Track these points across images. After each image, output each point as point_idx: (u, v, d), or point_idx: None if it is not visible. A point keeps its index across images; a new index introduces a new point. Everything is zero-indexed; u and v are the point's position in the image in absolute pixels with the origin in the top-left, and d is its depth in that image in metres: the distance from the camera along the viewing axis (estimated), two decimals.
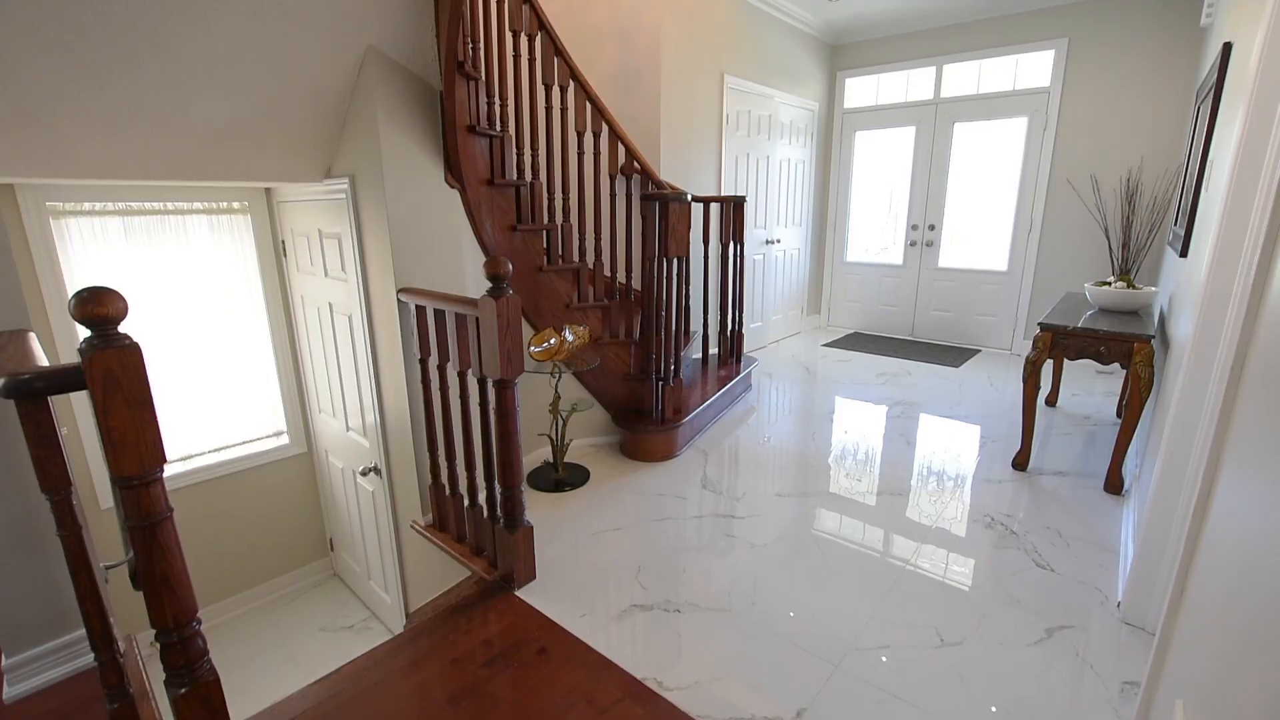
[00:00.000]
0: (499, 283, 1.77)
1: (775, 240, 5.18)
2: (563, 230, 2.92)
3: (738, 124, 4.48)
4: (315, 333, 3.12)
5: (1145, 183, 4.25)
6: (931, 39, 5.02)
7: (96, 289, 0.92)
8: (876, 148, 5.54)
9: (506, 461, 1.93)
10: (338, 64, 2.16)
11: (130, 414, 0.96)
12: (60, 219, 2.62)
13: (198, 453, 3.17)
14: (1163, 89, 4.13)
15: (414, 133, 2.33)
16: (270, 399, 3.40)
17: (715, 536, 2.35)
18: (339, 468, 3.29)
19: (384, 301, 2.43)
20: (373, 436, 2.78)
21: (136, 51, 1.77)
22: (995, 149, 4.91)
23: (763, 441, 3.27)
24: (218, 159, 2.23)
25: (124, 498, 1.01)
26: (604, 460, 3.04)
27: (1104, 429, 3.36)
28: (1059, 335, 2.68)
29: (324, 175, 2.55)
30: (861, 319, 5.87)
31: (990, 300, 5.12)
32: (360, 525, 3.20)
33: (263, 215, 3.22)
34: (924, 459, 3.02)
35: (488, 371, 1.87)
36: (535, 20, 2.64)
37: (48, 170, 1.92)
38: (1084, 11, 4.35)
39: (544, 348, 2.49)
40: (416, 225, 2.36)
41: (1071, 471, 2.84)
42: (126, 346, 0.95)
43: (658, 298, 2.85)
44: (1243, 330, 1.12)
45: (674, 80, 3.79)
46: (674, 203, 2.78)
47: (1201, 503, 1.20)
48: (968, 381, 4.27)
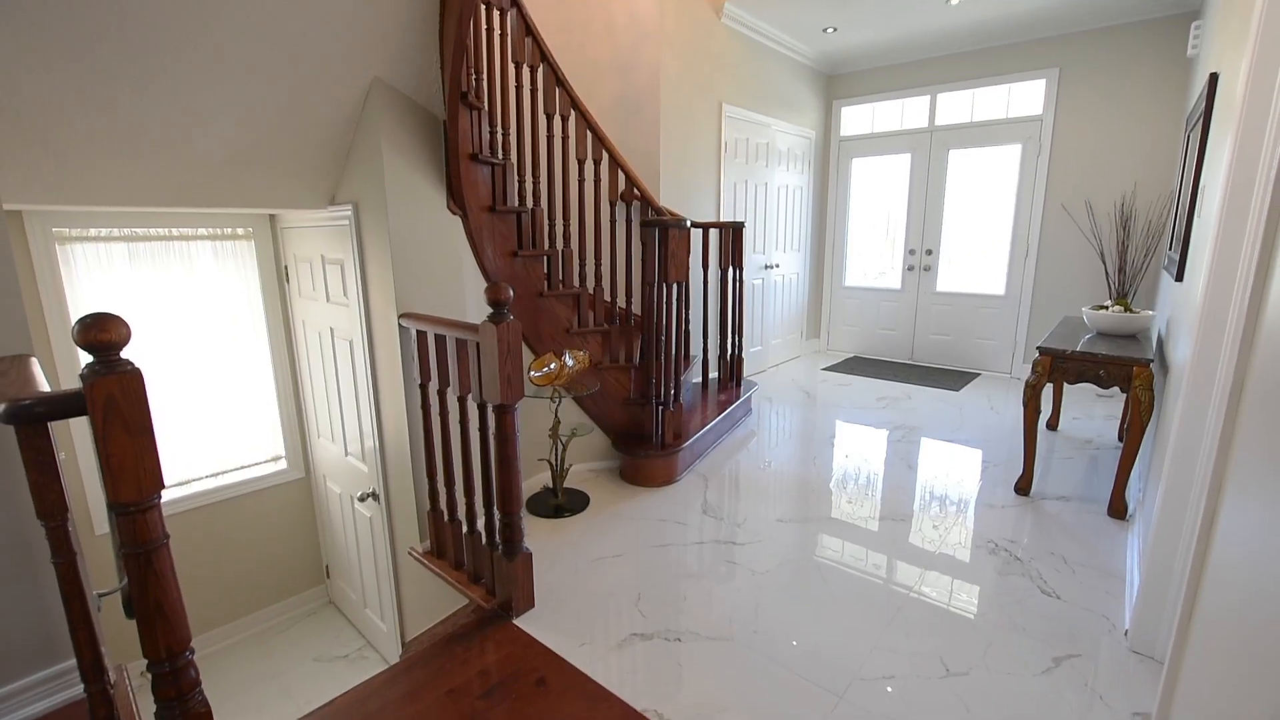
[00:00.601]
0: (500, 308, 1.78)
1: (774, 265, 5.23)
2: (563, 256, 2.95)
3: (736, 151, 4.55)
4: (316, 357, 3.13)
5: (1139, 208, 4.30)
6: (925, 69, 5.13)
7: (100, 315, 0.93)
8: (873, 174, 5.62)
9: (506, 487, 1.92)
10: (344, 94, 2.20)
11: (130, 440, 0.96)
12: (66, 244, 2.65)
13: (195, 478, 3.15)
14: (1153, 116, 4.21)
15: (417, 161, 2.37)
16: (269, 423, 3.40)
17: (716, 563, 2.33)
18: (337, 493, 3.27)
19: (385, 326, 2.44)
20: (371, 461, 2.77)
21: (148, 82, 1.81)
22: (990, 175, 4.98)
23: (763, 466, 3.26)
24: (224, 186, 2.26)
25: (120, 524, 1.01)
26: (604, 485, 3.02)
27: (1106, 453, 3.34)
28: (1058, 359, 2.69)
29: (328, 202, 2.58)
30: (861, 343, 5.88)
31: (989, 324, 5.14)
32: (357, 552, 3.17)
33: (266, 241, 3.25)
34: (926, 483, 3.01)
35: (488, 396, 1.87)
36: (537, 52, 2.70)
37: (56, 197, 1.94)
38: (1073, 43, 4.45)
39: (544, 372, 2.49)
40: (418, 251, 2.39)
41: (1074, 496, 2.82)
42: (128, 372, 0.95)
43: (658, 322, 2.86)
44: (1239, 354, 1.13)
45: (673, 110, 3.87)
46: (673, 229, 2.81)
47: (1205, 528, 1.19)
48: (968, 405, 4.27)
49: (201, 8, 1.70)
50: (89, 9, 1.56)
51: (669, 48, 3.74)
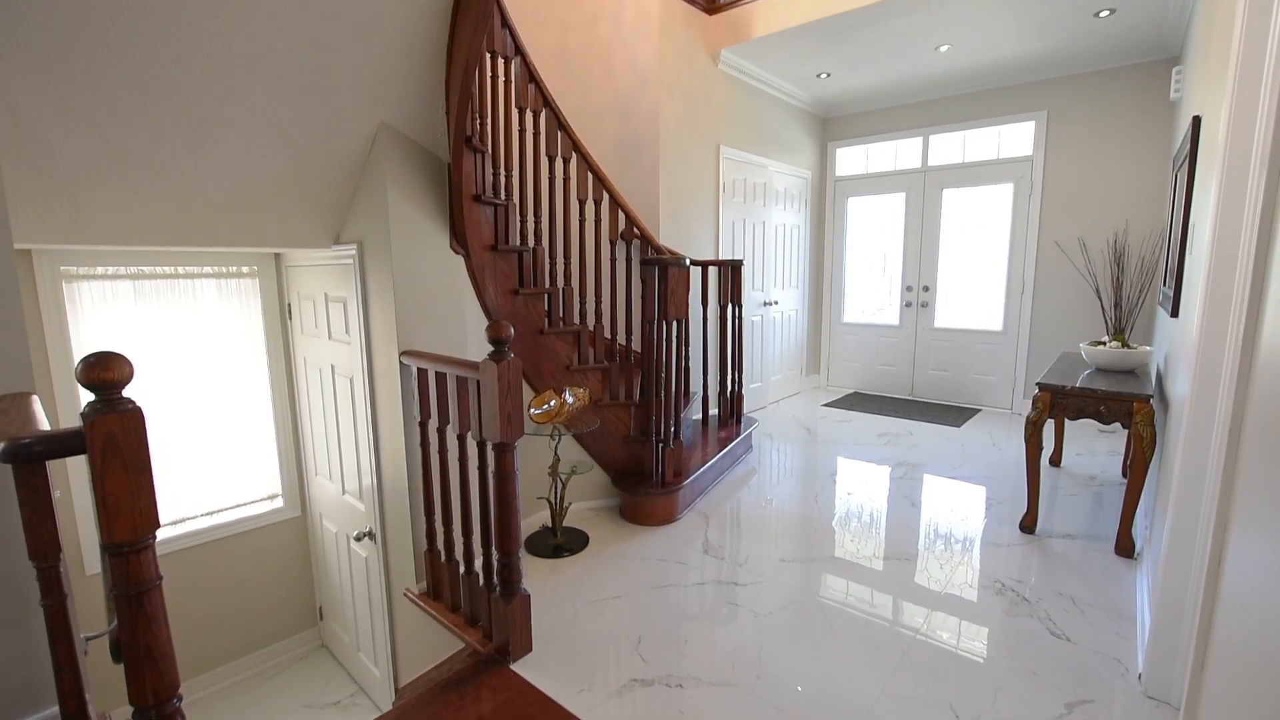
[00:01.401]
0: (500, 346, 1.79)
1: (773, 302, 5.27)
2: (564, 293, 2.98)
3: (734, 191, 4.65)
4: (316, 394, 3.13)
5: (1132, 245, 4.37)
6: (917, 112, 5.28)
7: (104, 354, 0.94)
8: (869, 212, 5.72)
9: (505, 526, 1.90)
10: (352, 139, 2.27)
11: (127, 478, 0.96)
12: (73, 282, 2.68)
13: (190, 516, 3.11)
14: (1141, 156, 4.31)
15: (421, 202, 2.42)
16: (267, 461, 3.37)
17: (718, 604, 2.28)
18: (333, 532, 3.22)
19: (386, 364, 2.45)
20: (369, 500, 2.74)
21: (163, 125, 1.86)
22: (984, 213, 5.07)
23: (765, 504, 3.22)
24: (232, 225, 2.31)
25: (113, 565, 0.99)
26: (603, 524, 2.98)
27: (1110, 489, 3.31)
28: (1058, 395, 2.69)
29: (333, 241, 2.62)
30: (861, 379, 5.89)
31: (988, 360, 5.15)
32: (352, 593, 3.11)
33: (271, 279, 3.29)
34: (930, 521, 2.97)
35: (487, 434, 1.87)
36: (540, 98, 2.79)
37: (67, 237, 1.98)
38: (1060, 86, 4.59)
39: (544, 410, 2.49)
40: (421, 290, 2.42)
41: (1080, 534, 2.78)
42: (129, 411, 0.95)
43: (658, 359, 2.87)
44: (1237, 390, 1.13)
45: (672, 151, 3.96)
46: (673, 267, 2.85)
47: (1213, 566, 1.17)
48: (970, 441, 4.25)
49: (218, 58, 1.76)
50: (109, 60, 1.62)
51: (668, 92, 3.86)
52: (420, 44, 2.09)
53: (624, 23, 3.79)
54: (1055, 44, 4.04)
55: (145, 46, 1.63)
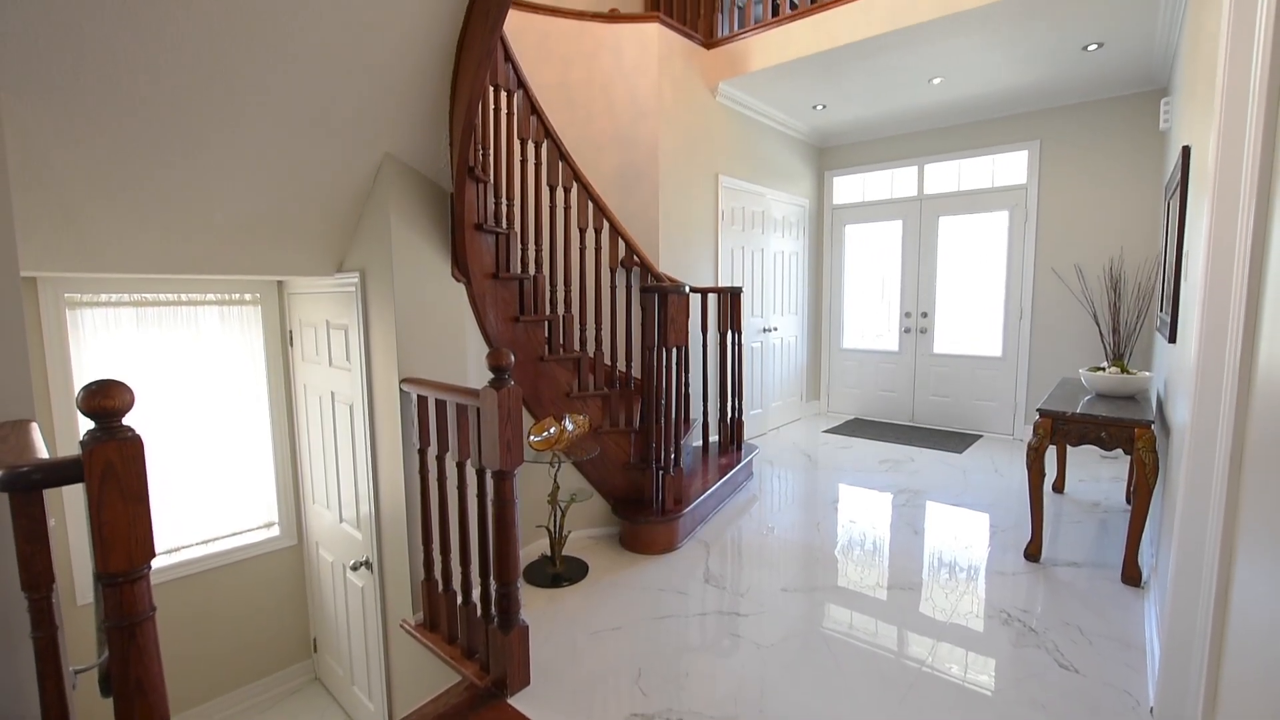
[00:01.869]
0: (501, 373, 1.80)
1: (773, 328, 5.29)
2: (564, 321, 2.99)
3: (733, 219, 4.70)
4: (315, 422, 3.12)
5: (1127, 271, 4.40)
6: (912, 142, 5.37)
7: (105, 382, 0.94)
8: (866, 240, 5.78)
9: (503, 556, 1.88)
10: (357, 170, 2.30)
11: (125, 507, 0.95)
12: (76, 309, 2.70)
13: (185, 545, 3.08)
14: (1133, 185, 4.37)
15: (424, 231, 2.45)
16: (264, 489, 3.35)
17: (719, 636, 2.24)
18: (329, 561, 3.18)
19: (386, 391, 2.45)
20: (366, 528, 2.71)
21: (171, 157, 1.90)
22: (980, 240, 5.13)
23: (766, 532, 3.19)
24: (237, 254, 2.33)
25: (106, 595, 0.98)
26: (603, 553, 2.95)
27: (1115, 516, 3.28)
28: (1058, 421, 2.68)
29: (336, 269, 2.65)
30: (861, 405, 5.88)
31: (988, 385, 5.15)
32: (347, 624, 3.05)
33: (273, 306, 3.31)
34: (933, 549, 2.93)
35: (487, 462, 1.86)
36: (541, 129, 2.84)
37: (74, 265, 2.00)
38: (1052, 117, 4.68)
39: (544, 437, 2.48)
40: (422, 317, 2.43)
41: (1086, 562, 2.74)
42: (128, 439, 0.95)
43: (658, 386, 2.87)
44: (1236, 417, 1.13)
45: (671, 181, 4.02)
46: (673, 294, 2.87)
47: (1220, 596, 1.16)
48: (972, 468, 4.22)
49: (228, 92, 1.80)
50: (121, 94, 1.65)
51: (667, 123, 3.94)
52: (425, 78, 2.14)
53: (624, 57, 3.89)
54: (1046, 76, 4.13)
55: (157, 82, 1.67)
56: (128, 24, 1.50)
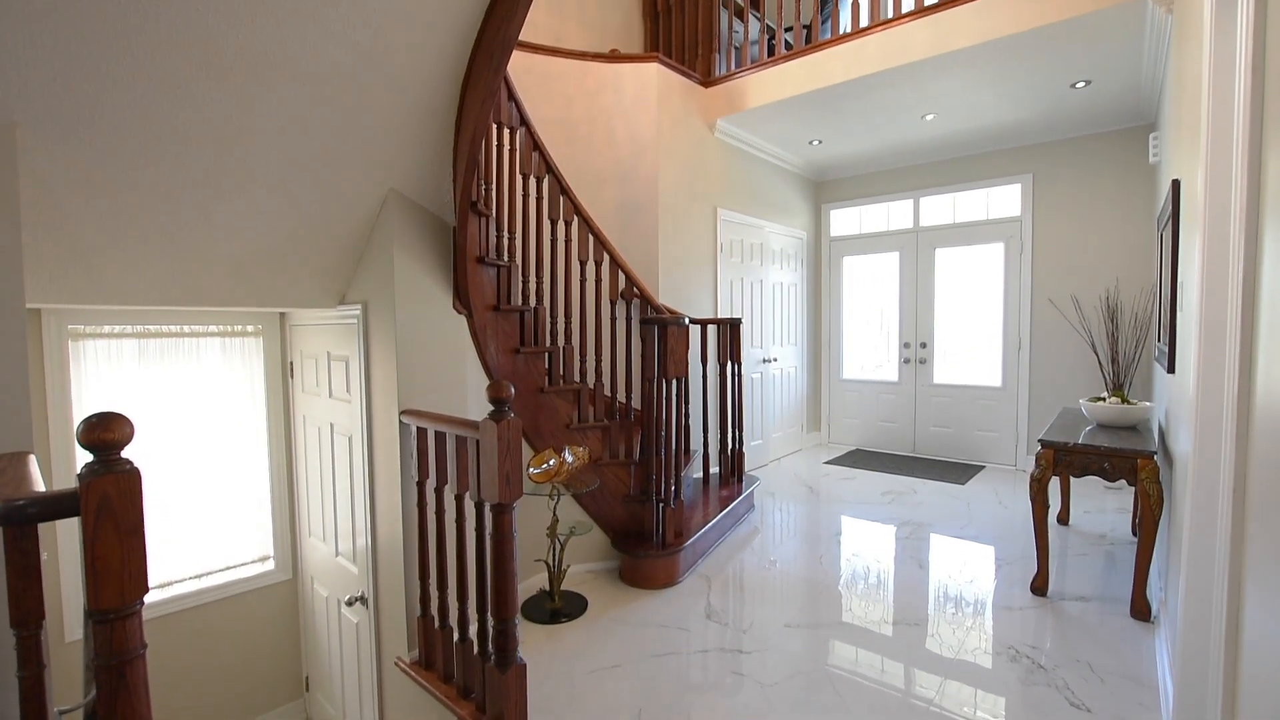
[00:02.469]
0: (501, 405, 1.80)
1: (772, 359, 5.31)
2: (564, 352, 3.01)
3: (731, 251, 4.76)
4: (314, 453, 3.11)
5: (1124, 301, 4.43)
6: (907, 175, 5.47)
7: (105, 415, 0.94)
8: (864, 271, 5.84)
9: (501, 591, 1.85)
10: (362, 205, 2.34)
11: (119, 541, 0.94)
12: (79, 340, 2.71)
13: (178, 579, 3.03)
14: (1126, 216, 4.44)
15: (426, 264, 2.48)
16: (260, 522, 3.31)
17: (721, 674, 2.19)
18: (324, 596, 3.13)
19: (385, 423, 2.45)
20: (362, 562, 2.68)
21: (179, 190, 1.93)
22: (977, 271, 5.18)
23: (768, 565, 3.14)
24: (241, 286, 2.36)
25: (96, 632, 0.96)
26: (602, 588, 2.90)
27: (1122, 548, 3.23)
28: (1060, 452, 2.67)
29: (338, 301, 2.67)
30: (862, 435, 5.85)
31: (989, 416, 5.14)
32: (340, 662, 2.98)
33: (274, 337, 3.33)
34: (939, 583, 2.88)
35: (485, 495, 1.84)
36: (543, 165, 2.90)
37: (79, 297, 2.02)
38: (1043, 151, 4.78)
39: (543, 469, 2.47)
40: (423, 349, 2.44)
41: (1094, 596, 2.69)
42: (126, 472, 0.95)
43: (658, 418, 2.87)
44: (1237, 450, 1.13)
45: (671, 214, 4.09)
46: (672, 326, 2.89)
47: (1232, 634, 1.14)
48: (975, 499, 4.18)
49: (237, 127, 1.84)
50: (135, 132, 1.69)
51: (666, 158, 4.02)
52: (430, 116, 2.19)
53: (624, 94, 3.99)
54: (1036, 112, 4.23)
55: (171, 121, 1.71)
56: (144, 64, 1.55)
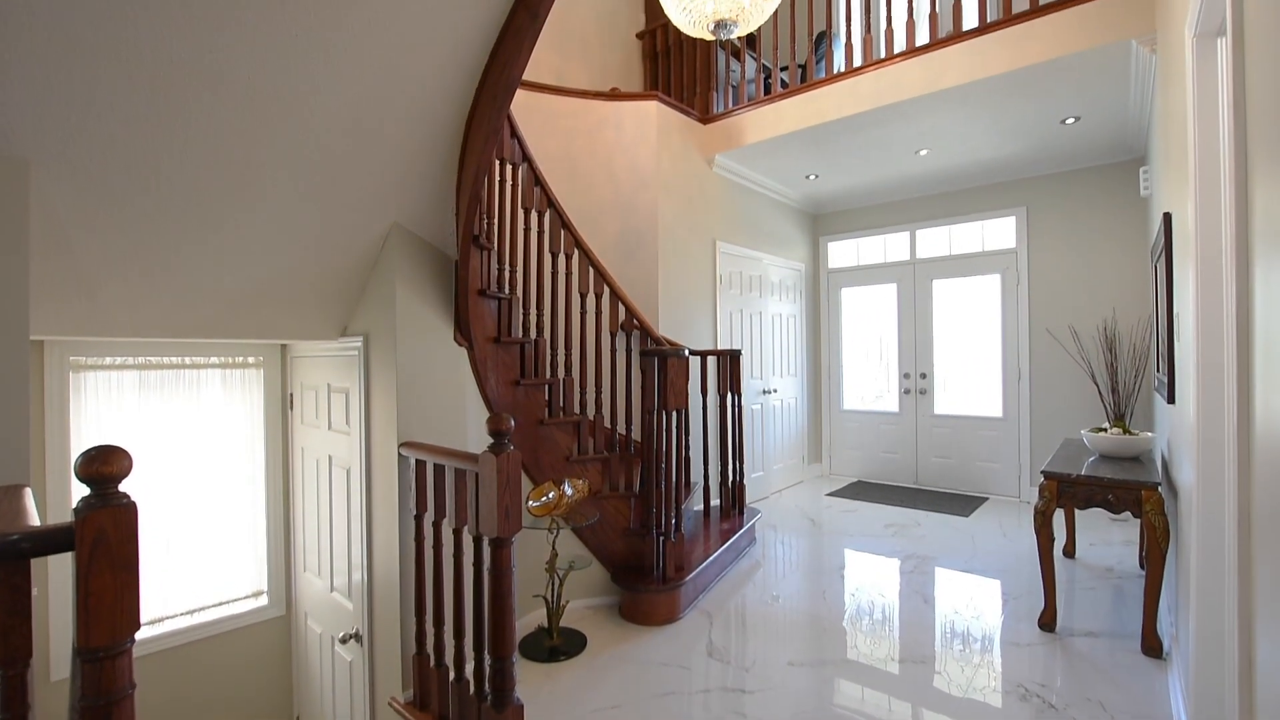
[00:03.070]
0: (500, 438, 1.79)
1: (772, 390, 5.30)
2: (564, 384, 3.01)
3: (730, 283, 4.80)
4: (311, 486, 3.08)
5: (1121, 331, 4.45)
6: (903, 209, 5.56)
7: (104, 448, 0.93)
8: (862, 302, 5.88)
9: (499, 628, 1.81)
10: (366, 239, 2.38)
11: (113, 577, 0.93)
12: (80, 372, 2.72)
13: (169, 615, 2.97)
14: (1121, 248, 4.49)
15: (428, 297, 2.50)
16: (255, 555, 3.26)
17: (724, 714, 2.13)
18: (317, 633, 3.06)
19: (384, 455, 2.44)
20: (358, 598, 2.63)
21: (185, 225, 1.96)
22: (974, 302, 5.21)
23: (771, 601, 3.08)
24: (244, 319, 2.37)
25: (84, 671, 0.94)
26: (602, 624, 2.84)
27: (1130, 581, 3.18)
28: (1064, 484, 2.65)
29: (340, 333, 2.69)
30: (864, 467, 5.81)
31: (991, 446, 5.11)
32: (333, 701, 2.91)
33: (275, 369, 3.33)
34: (945, 619, 2.83)
35: (484, 529, 1.82)
36: (545, 199, 2.95)
37: (82, 329, 2.03)
38: (1037, 185, 4.86)
39: (542, 502, 2.44)
40: (423, 381, 2.45)
41: (1104, 632, 2.64)
42: (122, 505, 0.94)
43: (658, 449, 2.85)
44: (1240, 482, 1.12)
45: (670, 247, 4.14)
46: (672, 358, 2.90)
47: (1245, 671, 1.11)
48: (979, 532, 4.13)
49: (244, 165, 1.88)
50: (146, 170, 1.73)
51: (665, 192, 4.09)
52: (435, 153, 2.24)
53: (625, 131, 4.08)
54: (1028, 147, 4.32)
55: (181, 158, 1.75)
56: (156, 102, 1.59)
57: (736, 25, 2.32)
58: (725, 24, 2.31)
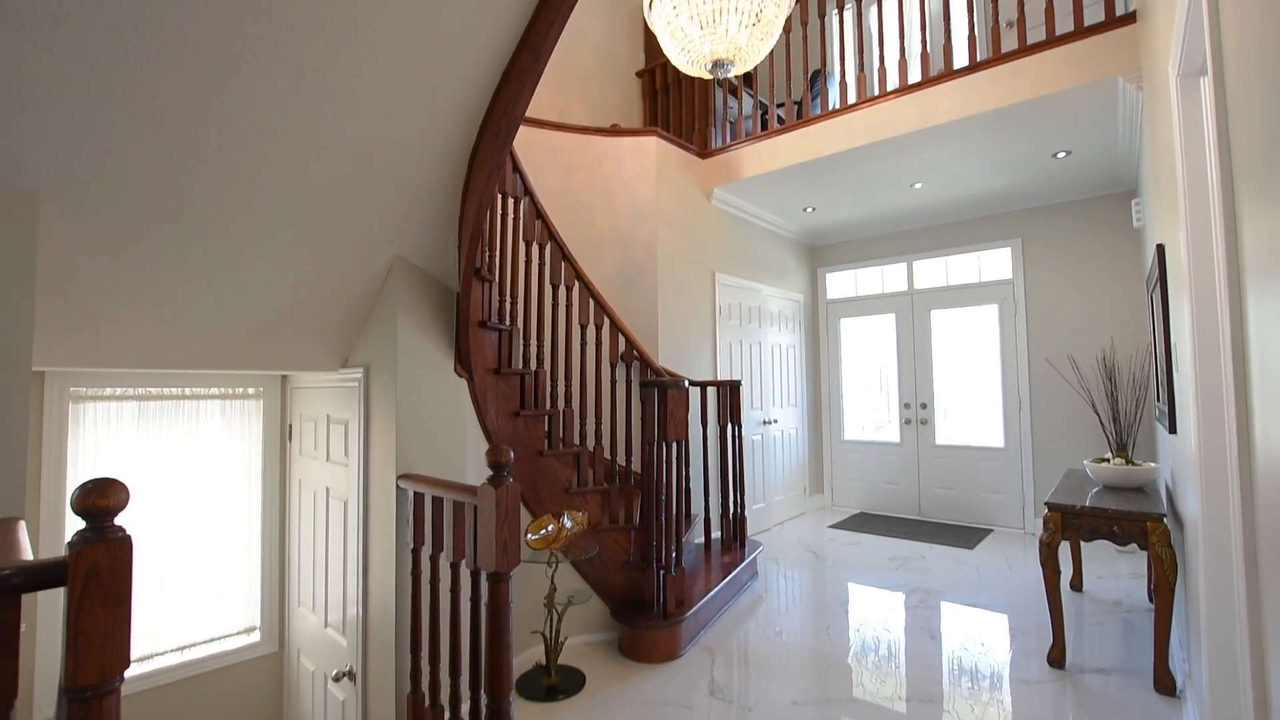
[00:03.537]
0: (500, 470, 1.78)
1: (772, 420, 5.29)
2: (564, 415, 3.00)
3: (730, 314, 4.83)
4: (308, 518, 3.05)
5: (1120, 361, 4.46)
6: (899, 240, 5.63)
7: (101, 480, 0.93)
8: (861, 332, 5.90)
9: (496, 665, 1.77)
10: (369, 272, 2.41)
11: (105, 613, 0.92)
12: (80, 403, 2.71)
13: (159, 652, 2.90)
14: (1115, 278, 4.53)
15: (429, 328, 2.51)
16: (248, 590, 3.21)
17: None
18: (310, 670, 2.99)
19: (382, 487, 2.42)
20: (352, 634, 2.58)
21: (190, 259, 1.98)
22: (973, 332, 5.23)
23: (773, 637, 3.02)
24: (245, 350, 2.38)
25: (71, 711, 0.92)
26: (601, 661, 2.78)
27: (1139, 615, 3.12)
28: (1069, 515, 2.62)
29: (341, 364, 2.69)
30: (866, 498, 5.75)
31: (993, 477, 5.07)
32: None
33: (275, 400, 3.33)
34: (952, 655, 2.77)
35: (482, 563, 1.80)
36: (545, 232, 2.99)
37: (85, 360, 2.04)
38: (1031, 216, 4.93)
39: (541, 535, 2.42)
40: (423, 412, 2.45)
41: (1115, 669, 2.58)
42: (118, 540, 0.93)
43: (658, 481, 2.83)
44: (1244, 513, 1.11)
45: (669, 278, 4.18)
46: (672, 389, 2.90)
47: (1261, 708, 1.09)
48: (985, 565, 4.06)
49: (251, 201, 1.92)
50: (154, 206, 1.76)
51: (665, 225, 4.15)
52: (438, 188, 2.28)
53: (625, 165, 4.16)
54: (1021, 180, 4.40)
55: (189, 195, 1.78)
56: (166, 142, 1.63)
57: (733, 65, 2.39)
58: (722, 63, 2.37)
